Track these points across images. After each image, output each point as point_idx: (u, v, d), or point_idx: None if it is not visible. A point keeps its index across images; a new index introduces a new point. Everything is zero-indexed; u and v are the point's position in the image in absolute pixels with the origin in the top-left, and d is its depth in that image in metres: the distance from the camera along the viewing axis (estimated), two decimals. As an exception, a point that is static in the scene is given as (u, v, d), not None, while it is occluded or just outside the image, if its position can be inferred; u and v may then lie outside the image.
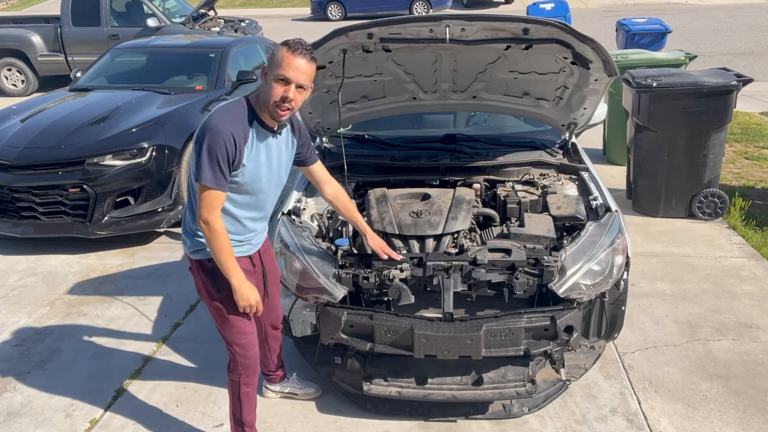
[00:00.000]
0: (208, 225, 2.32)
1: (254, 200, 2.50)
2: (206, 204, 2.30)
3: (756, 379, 3.32)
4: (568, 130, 4.12)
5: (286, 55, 2.25)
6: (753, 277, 4.34)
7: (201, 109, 5.78)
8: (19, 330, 4.03)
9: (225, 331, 2.61)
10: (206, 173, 2.26)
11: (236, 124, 2.30)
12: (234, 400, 2.76)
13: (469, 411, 3.07)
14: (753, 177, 6.20)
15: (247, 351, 2.66)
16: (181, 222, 2.59)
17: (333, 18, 20.80)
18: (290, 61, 2.26)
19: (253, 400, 2.80)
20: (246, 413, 2.78)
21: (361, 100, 3.97)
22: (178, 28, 11.01)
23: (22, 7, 25.60)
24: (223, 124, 2.27)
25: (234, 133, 2.27)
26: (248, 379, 2.72)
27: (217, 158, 2.25)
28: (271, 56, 2.30)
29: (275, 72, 2.27)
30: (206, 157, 2.25)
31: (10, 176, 4.99)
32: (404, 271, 2.93)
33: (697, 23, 17.10)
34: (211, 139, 2.25)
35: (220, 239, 2.34)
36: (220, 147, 2.25)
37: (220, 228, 2.34)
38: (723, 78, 4.97)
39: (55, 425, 3.17)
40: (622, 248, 3.05)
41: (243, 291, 2.45)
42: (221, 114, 2.32)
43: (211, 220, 2.31)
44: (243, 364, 2.67)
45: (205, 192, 2.29)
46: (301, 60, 2.27)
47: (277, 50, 2.28)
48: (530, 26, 3.04)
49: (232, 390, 2.75)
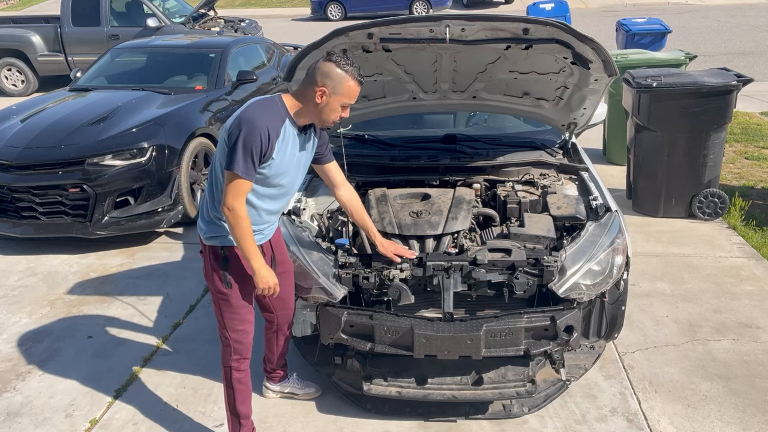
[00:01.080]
0: (233, 211, 2.43)
1: (275, 192, 2.60)
2: (234, 191, 2.42)
3: (756, 379, 3.32)
4: (568, 130, 4.12)
5: (355, 88, 2.47)
6: (753, 277, 4.34)
7: (201, 109, 5.79)
8: (19, 330, 4.03)
9: (225, 316, 2.68)
10: (239, 162, 2.37)
11: (271, 119, 2.43)
12: (227, 388, 2.80)
13: (469, 411, 3.07)
14: (753, 177, 6.21)
15: (241, 337, 2.73)
16: (199, 210, 2.70)
17: (333, 18, 20.80)
18: (356, 92, 2.49)
19: (247, 389, 2.83)
20: (239, 402, 2.81)
21: (361, 100, 3.96)
22: (178, 28, 11.01)
23: (22, 7, 25.60)
24: (259, 119, 2.40)
25: (269, 128, 2.41)
26: (239, 364, 2.77)
27: (251, 150, 2.38)
28: (334, 82, 2.43)
29: (343, 100, 2.47)
30: (241, 147, 2.37)
31: (10, 176, 4.99)
32: (404, 271, 2.94)
33: (697, 23, 17.10)
34: (247, 132, 2.37)
35: (243, 224, 2.46)
36: (255, 139, 2.37)
37: (244, 215, 2.46)
38: (723, 78, 4.97)
39: (55, 425, 3.17)
40: (622, 248, 3.05)
41: (263, 274, 2.55)
42: (258, 108, 2.45)
43: (237, 206, 2.43)
44: (236, 349, 2.74)
45: (234, 180, 2.40)
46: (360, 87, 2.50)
47: (342, 78, 2.43)
48: (530, 26, 3.04)
49: (225, 377, 2.80)
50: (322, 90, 2.43)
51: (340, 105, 2.48)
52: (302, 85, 2.51)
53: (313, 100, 2.45)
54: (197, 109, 5.75)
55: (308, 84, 2.47)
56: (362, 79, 2.49)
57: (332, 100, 2.45)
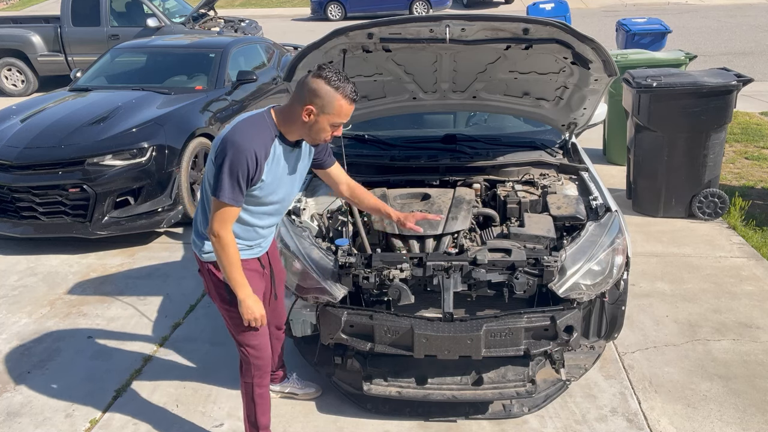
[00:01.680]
0: (218, 238, 2.34)
1: (270, 209, 2.51)
2: (220, 218, 2.31)
3: (756, 379, 3.32)
4: (568, 130, 4.12)
5: (345, 106, 2.29)
6: (753, 277, 4.34)
7: (201, 109, 5.78)
8: (19, 330, 4.03)
9: (238, 333, 2.60)
10: (225, 190, 2.26)
11: (259, 140, 2.30)
12: (248, 402, 2.76)
13: (469, 411, 3.07)
14: (753, 177, 6.20)
15: (260, 352, 2.66)
16: (193, 224, 2.60)
17: (333, 18, 20.80)
18: (348, 111, 2.31)
19: (267, 402, 2.80)
20: (260, 415, 2.78)
21: (361, 100, 3.96)
22: (178, 28, 11.01)
23: (22, 7, 25.60)
24: (246, 142, 2.26)
25: (256, 150, 2.27)
26: (261, 380, 2.72)
27: (238, 176, 2.25)
28: (323, 100, 2.26)
29: (333, 119, 2.30)
30: (227, 173, 2.25)
31: (10, 176, 4.99)
32: (404, 271, 2.94)
33: (697, 23, 17.10)
34: (233, 156, 2.24)
35: (229, 252, 2.36)
36: (242, 165, 2.24)
37: (231, 242, 2.36)
38: (723, 78, 4.97)
39: (55, 425, 3.17)
40: (622, 248, 3.05)
41: (248, 305, 2.47)
42: (244, 129, 2.31)
43: (223, 234, 2.33)
44: (256, 365, 2.67)
45: (221, 207, 2.29)
46: (353, 105, 2.32)
47: (332, 97, 2.25)
48: (530, 26, 3.04)
49: (246, 392, 2.74)
50: (309, 109, 2.27)
51: (330, 124, 2.31)
52: (291, 99, 2.36)
53: (301, 119, 2.30)
54: (197, 109, 5.75)
55: (296, 100, 2.31)
56: (356, 96, 2.31)
57: (321, 119, 2.29)
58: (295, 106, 2.32)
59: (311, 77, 2.27)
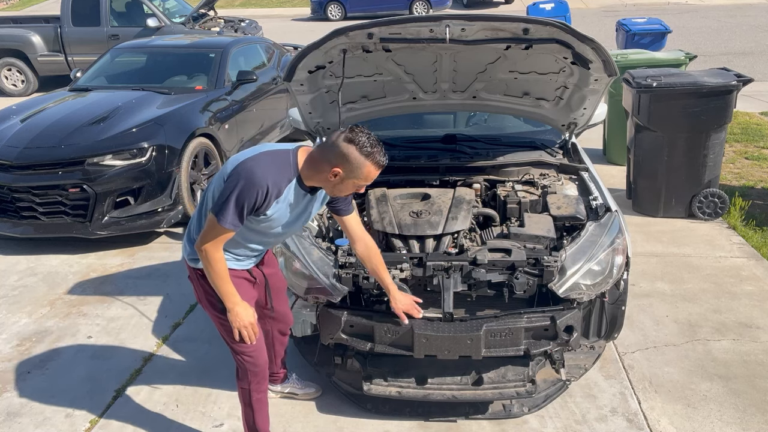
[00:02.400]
0: (206, 254, 2.34)
1: (265, 239, 2.52)
2: (213, 237, 2.31)
3: (756, 379, 3.32)
4: (568, 130, 4.12)
5: (374, 173, 2.29)
6: (753, 277, 4.34)
7: (201, 109, 5.78)
8: (19, 330, 4.03)
9: (232, 341, 2.57)
10: (227, 214, 2.25)
11: (276, 179, 2.28)
12: (246, 407, 2.75)
13: (469, 411, 3.07)
14: (753, 177, 6.20)
15: (256, 359, 2.64)
16: (187, 229, 2.59)
17: (333, 18, 20.80)
18: (374, 176, 2.32)
19: (265, 406, 2.79)
20: (259, 420, 2.77)
21: (361, 100, 3.96)
22: (178, 28, 11.01)
23: (22, 7, 25.59)
24: (262, 177, 2.24)
25: (270, 187, 2.25)
26: (259, 386, 2.71)
27: (243, 205, 2.25)
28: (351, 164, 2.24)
29: (357, 182, 2.31)
30: (234, 200, 2.24)
31: (10, 176, 4.99)
32: (404, 271, 2.94)
33: (697, 23, 17.09)
34: (244, 186, 2.23)
35: (216, 267, 2.36)
36: (251, 197, 2.24)
37: (219, 257, 2.36)
38: (723, 78, 4.97)
39: (55, 425, 3.17)
40: (622, 248, 3.05)
41: (237, 312, 2.46)
42: (266, 163, 2.29)
43: (211, 251, 2.33)
44: (253, 372, 2.66)
45: (217, 228, 2.28)
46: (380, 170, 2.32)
47: (362, 163, 2.24)
48: (530, 26, 3.04)
49: (243, 398, 2.74)
50: (336, 171, 2.26)
51: (354, 186, 2.33)
52: (319, 153, 2.31)
53: (326, 176, 2.29)
54: (197, 109, 5.75)
55: (324, 158, 2.28)
56: (385, 162, 2.30)
57: (346, 182, 2.30)
58: (323, 163, 2.29)
59: (343, 141, 2.24)
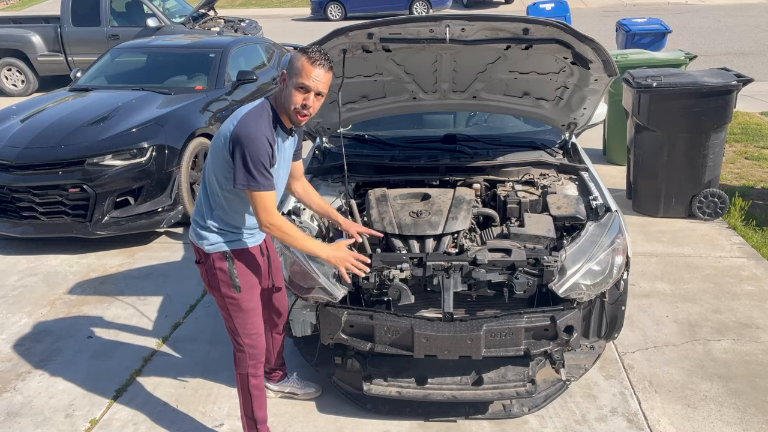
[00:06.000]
0: (275, 226, 2.44)
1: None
2: (264, 208, 2.41)
3: (756, 379, 3.32)
4: (568, 130, 4.12)
5: (306, 65, 2.36)
6: (753, 277, 4.34)
7: (201, 109, 5.78)
8: (19, 330, 4.03)
9: (237, 322, 2.66)
10: (258, 179, 2.36)
11: (267, 127, 2.40)
12: (244, 394, 2.79)
13: (469, 411, 3.07)
14: (753, 177, 6.20)
15: (255, 341, 2.73)
16: (192, 218, 2.66)
17: (333, 18, 20.79)
18: (309, 71, 2.36)
19: (263, 395, 2.83)
20: (257, 408, 2.81)
21: (361, 100, 3.97)
22: (178, 28, 11.00)
23: (22, 7, 25.59)
24: (258, 131, 2.37)
25: (267, 137, 2.38)
26: (256, 370, 2.76)
27: (262, 163, 2.36)
28: (290, 64, 2.40)
29: (295, 80, 2.38)
30: (251, 164, 2.34)
31: (10, 176, 4.99)
32: (404, 271, 2.93)
33: (697, 23, 17.09)
34: (252, 147, 2.34)
35: (292, 232, 2.48)
36: (262, 152, 2.35)
37: (286, 222, 2.48)
38: (723, 78, 4.97)
39: (55, 425, 3.17)
40: (622, 248, 3.05)
41: (334, 255, 2.59)
42: (252, 120, 2.40)
43: (275, 220, 2.44)
44: (251, 354, 2.72)
45: (261, 197, 2.39)
46: (320, 69, 2.38)
47: (296, 59, 2.38)
48: (530, 26, 3.04)
49: (241, 384, 2.78)
50: (282, 74, 2.42)
51: (294, 86, 2.37)
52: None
53: (280, 88, 2.44)
54: (197, 109, 5.75)
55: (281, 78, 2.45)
56: (321, 59, 2.37)
57: (288, 83, 2.40)
58: (280, 83, 2.45)
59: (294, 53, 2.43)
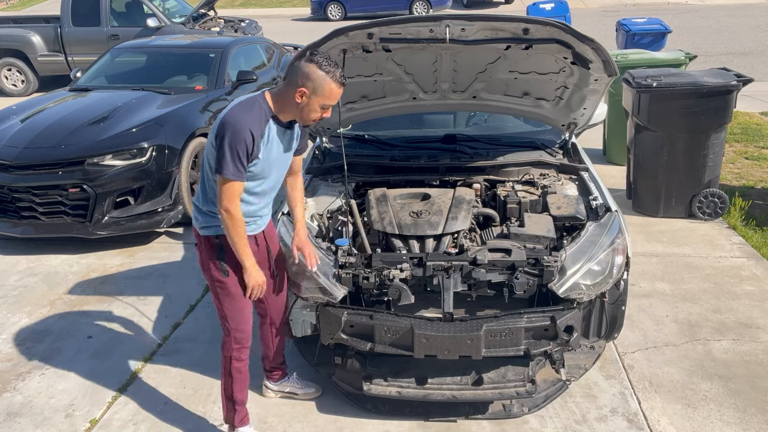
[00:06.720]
0: (229, 213, 2.51)
1: (263, 186, 2.66)
2: (228, 194, 2.49)
3: (756, 379, 3.32)
4: (568, 130, 4.12)
5: (335, 90, 2.47)
6: (753, 277, 4.34)
7: (201, 109, 5.78)
8: (19, 330, 4.03)
9: (225, 305, 2.75)
10: (228, 166, 2.44)
11: (254, 121, 2.46)
12: (226, 375, 2.85)
13: (469, 411, 3.07)
14: (753, 177, 6.20)
15: (240, 324, 2.79)
16: (193, 204, 2.75)
17: (333, 18, 20.79)
18: (338, 94, 2.49)
19: (245, 378, 2.89)
20: (237, 390, 2.87)
21: (361, 100, 3.97)
22: (178, 28, 11.00)
23: (22, 7, 25.59)
24: (242, 122, 2.43)
25: (252, 129, 2.44)
26: (240, 354, 2.83)
27: (238, 152, 2.43)
28: (317, 84, 2.43)
29: (323, 101, 2.48)
30: (228, 151, 2.43)
31: (10, 176, 4.99)
32: (404, 271, 2.93)
33: (697, 23, 17.10)
34: (232, 135, 2.42)
35: (238, 227, 2.55)
36: (240, 142, 2.42)
37: (240, 217, 2.55)
38: (723, 78, 4.97)
39: (55, 425, 3.17)
40: (622, 248, 3.05)
41: (253, 273, 2.65)
42: (241, 110, 2.48)
43: (232, 209, 2.51)
44: (236, 338, 2.79)
45: (226, 184, 2.47)
46: (342, 88, 2.50)
47: (323, 80, 2.43)
48: (530, 26, 3.04)
49: (225, 366, 2.85)
50: (302, 91, 2.45)
51: (320, 106, 2.49)
52: (284, 84, 2.53)
53: (294, 101, 2.48)
54: (197, 109, 5.74)
55: (289, 84, 2.48)
56: (344, 80, 2.48)
57: (312, 101, 2.47)
58: (288, 89, 2.49)
59: (304, 62, 2.45)
